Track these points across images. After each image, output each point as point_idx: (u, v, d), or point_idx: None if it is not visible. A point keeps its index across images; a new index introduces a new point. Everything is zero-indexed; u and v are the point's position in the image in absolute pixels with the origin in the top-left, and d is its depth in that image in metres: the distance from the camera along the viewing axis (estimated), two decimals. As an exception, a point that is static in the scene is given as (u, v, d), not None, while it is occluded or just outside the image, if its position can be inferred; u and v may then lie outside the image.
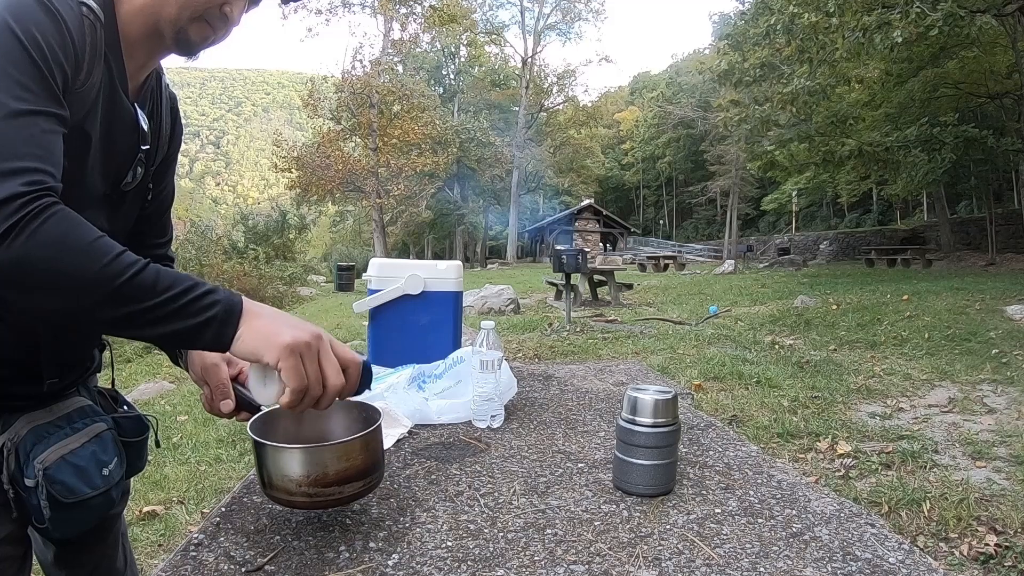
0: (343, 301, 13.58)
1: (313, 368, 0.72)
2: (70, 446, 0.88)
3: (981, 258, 15.94)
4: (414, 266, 1.60)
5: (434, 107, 28.43)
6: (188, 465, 3.34)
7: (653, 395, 0.96)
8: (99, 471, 0.90)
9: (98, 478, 0.90)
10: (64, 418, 0.90)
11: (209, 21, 0.87)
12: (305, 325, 0.73)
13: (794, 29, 10.96)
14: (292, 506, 0.81)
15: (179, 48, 0.89)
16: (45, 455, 0.85)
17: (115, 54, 0.84)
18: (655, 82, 56.83)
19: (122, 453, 0.96)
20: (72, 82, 0.75)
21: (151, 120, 0.95)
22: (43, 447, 0.85)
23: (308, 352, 0.71)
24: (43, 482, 0.83)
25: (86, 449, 0.89)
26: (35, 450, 0.85)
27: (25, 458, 0.84)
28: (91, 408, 0.95)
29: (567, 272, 7.42)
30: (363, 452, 0.80)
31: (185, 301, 0.68)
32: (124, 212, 0.95)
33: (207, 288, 0.70)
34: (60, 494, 0.84)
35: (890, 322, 6.94)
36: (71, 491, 0.86)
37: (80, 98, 0.78)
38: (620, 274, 11.30)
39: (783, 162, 16.38)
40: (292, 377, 0.71)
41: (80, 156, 0.80)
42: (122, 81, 0.86)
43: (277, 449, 0.78)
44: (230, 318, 0.70)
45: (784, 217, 36.55)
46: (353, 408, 0.92)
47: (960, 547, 2.27)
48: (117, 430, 0.97)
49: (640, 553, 0.78)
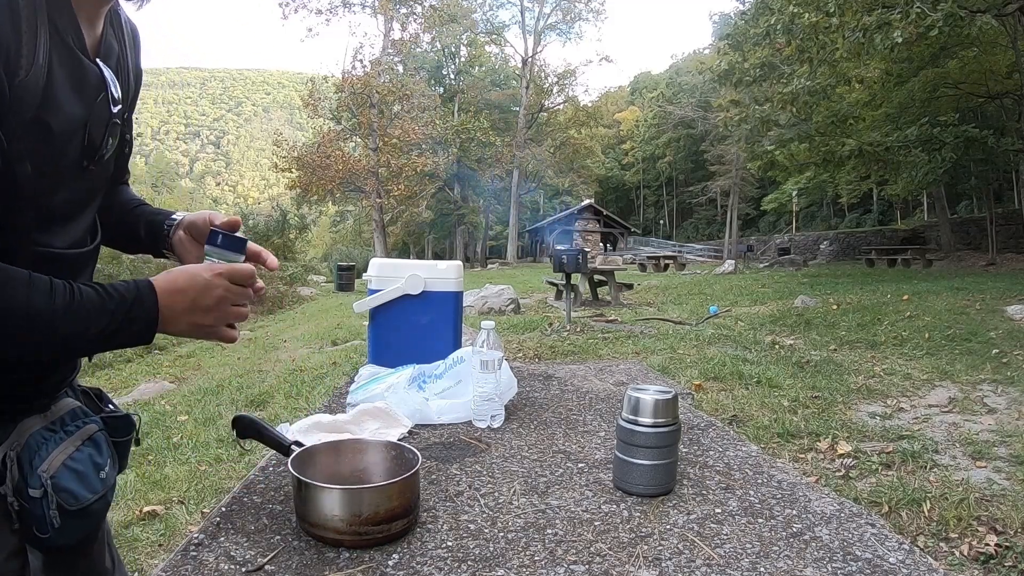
0: (343, 301, 13.58)
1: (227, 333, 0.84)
2: (67, 450, 0.84)
3: (981, 258, 15.93)
4: (414, 266, 1.60)
5: (434, 107, 28.43)
6: (188, 465, 3.34)
7: (653, 395, 0.96)
8: (96, 474, 0.87)
9: (97, 482, 0.87)
10: (57, 422, 0.86)
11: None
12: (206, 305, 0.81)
13: (794, 29, 10.95)
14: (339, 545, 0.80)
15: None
16: (48, 462, 0.81)
17: (62, 10, 0.74)
18: (655, 82, 56.82)
19: (115, 454, 0.94)
20: (11, 79, 0.67)
21: (118, 73, 0.85)
22: (44, 453, 0.82)
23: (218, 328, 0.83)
24: (52, 492, 0.80)
25: (82, 452, 0.86)
26: (37, 458, 0.81)
27: (28, 467, 0.80)
28: (81, 410, 0.91)
29: (567, 272, 7.42)
30: (411, 489, 0.84)
31: (113, 329, 0.74)
32: (102, 175, 0.89)
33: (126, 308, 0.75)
34: (66, 502, 0.81)
35: (890, 322, 6.94)
36: (75, 498, 0.83)
37: (27, 89, 0.69)
38: (620, 274, 11.30)
39: (783, 162, 16.37)
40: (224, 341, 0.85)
41: (46, 146, 0.74)
42: (78, 40, 0.76)
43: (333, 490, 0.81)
44: (149, 329, 0.78)
45: (784, 217, 36.55)
46: (379, 444, 0.98)
47: (960, 547, 2.27)
48: (107, 430, 0.93)
49: (640, 553, 0.78)
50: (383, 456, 0.95)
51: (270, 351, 7.64)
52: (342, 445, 0.98)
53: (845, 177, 20.17)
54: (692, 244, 38.55)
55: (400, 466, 0.91)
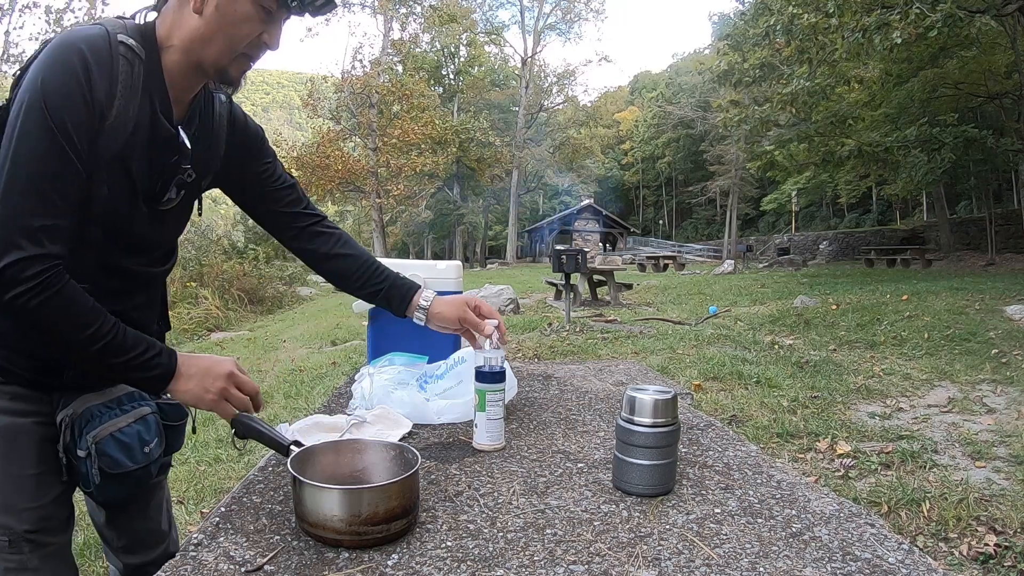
0: (343, 301, 13.56)
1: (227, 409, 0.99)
2: (119, 424, 1.03)
3: (981, 258, 15.93)
4: (414, 266, 1.60)
5: (434, 107, 28.39)
6: (188, 465, 3.34)
7: (652, 395, 0.96)
8: (142, 448, 1.05)
9: (140, 455, 1.05)
10: (115, 400, 1.06)
11: (249, 54, 0.96)
12: (216, 381, 0.97)
13: (794, 30, 10.96)
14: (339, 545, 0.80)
15: (222, 83, 0.99)
16: (98, 431, 1.00)
17: (157, 85, 0.96)
18: (655, 82, 56.79)
19: (163, 434, 1.12)
20: (102, 122, 0.89)
21: (200, 140, 1.05)
22: (96, 424, 1.01)
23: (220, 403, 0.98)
24: (94, 455, 0.99)
25: (132, 428, 1.05)
26: (89, 426, 1.01)
27: (80, 432, 1.01)
28: (138, 393, 1.10)
29: (567, 272, 7.41)
30: (410, 489, 0.84)
31: (140, 362, 0.92)
32: (170, 223, 1.10)
33: (155, 352, 0.94)
34: (107, 466, 1.01)
35: (890, 322, 6.94)
36: (116, 464, 1.02)
37: (115, 130, 0.91)
38: (620, 274, 11.30)
39: (783, 162, 16.37)
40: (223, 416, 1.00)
41: (122, 180, 0.95)
42: (164, 107, 0.97)
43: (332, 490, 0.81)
44: (166, 376, 0.96)
45: (784, 217, 36.55)
46: (379, 444, 0.98)
47: (960, 547, 2.27)
48: (159, 414, 1.12)
49: (640, 553, 0.78)
50: (383, 456, 0.95)
51: (269, 351, 7.63)
52: (341, 445, 0.98)
53: (844, 177, 20.22)
54: (691, 244, 38.54)
55: (400, 466, 0.91)
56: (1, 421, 1.00)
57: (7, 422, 1.00)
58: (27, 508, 1.00)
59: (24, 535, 0.99)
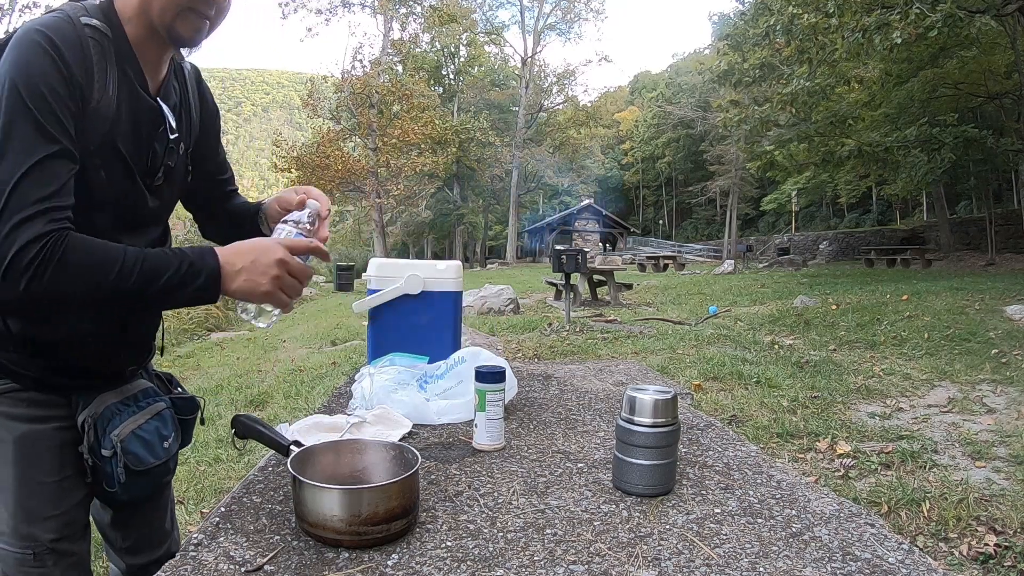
0: (343, 301, 13.58)
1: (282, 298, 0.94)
2: (138, 422, 1.05)
3: (981, 258, 15.94)
4: (414, 266, 1.60)
5: (434, 107, 28.39)
6: (188, 465, 3.34)
7: (652, 395, 0.96)
8: (161, 444, 1.08)
9: (160, 450, 1.07)
10: (131, 398, 1.07)
11: (197, 9, 0.93)
12: (269, 269, 0.91)
13: (793, 30, 10.96)
14: (339, 545, 0.80)
15: (174, 42, 0.96)
16: (120, 429, 1.02)
17: (128, 58, 0.95)
18: (655, 82, 56.82)
19: (178, 429, 1.14)
20: (85, 105, 0.87)
21: (178, 110, 1.05)
22: (117, 422, 1.02)
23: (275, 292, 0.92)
24: (120, 452, 1.01)
25: (151, 424, 1.07)
26: (110, 425, 1.02)
27: (102, 432, 1.01)
28: (152, 389, 1.12)
29: (567, 272, 7.42)
30: (410, 490, 0.84)
31: (182, 274, 0.87)
32: (167, 193, 1.09)
33: (192, 257, 0.88)
34: (132, 463, 1.02)
35: (889, 322, 6.94)
36: (140, 460, 1.03)
37: (100, 114, 0.90)
38: (620, 274, 11.30)
39: (783, 162, 16.37)
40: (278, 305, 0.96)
41: (116, 162, 0.94)
42: (140, 80, 0.97)
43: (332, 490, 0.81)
44: (214, 277, 0.89)
45: (784, 217, 36.54)
46: (379, 444, 0.98)
47: (960, 547, 2.27)
48: (174, 409, 1.14)
49: (640, 553, 0.78)
50: (382, 456, 0.95)
51: (269, 351, 7.63)
52: (341, 445, 0.98)
53: (844, 177, 20.21)
54: (691, 244, 38.55)
55: (400, 466, 0.91)
56: (21, 429, 0.99)
57: (26, 430, 0.99)
58: (51, 516, 0.99)
59: (48, 545, 0.99)
